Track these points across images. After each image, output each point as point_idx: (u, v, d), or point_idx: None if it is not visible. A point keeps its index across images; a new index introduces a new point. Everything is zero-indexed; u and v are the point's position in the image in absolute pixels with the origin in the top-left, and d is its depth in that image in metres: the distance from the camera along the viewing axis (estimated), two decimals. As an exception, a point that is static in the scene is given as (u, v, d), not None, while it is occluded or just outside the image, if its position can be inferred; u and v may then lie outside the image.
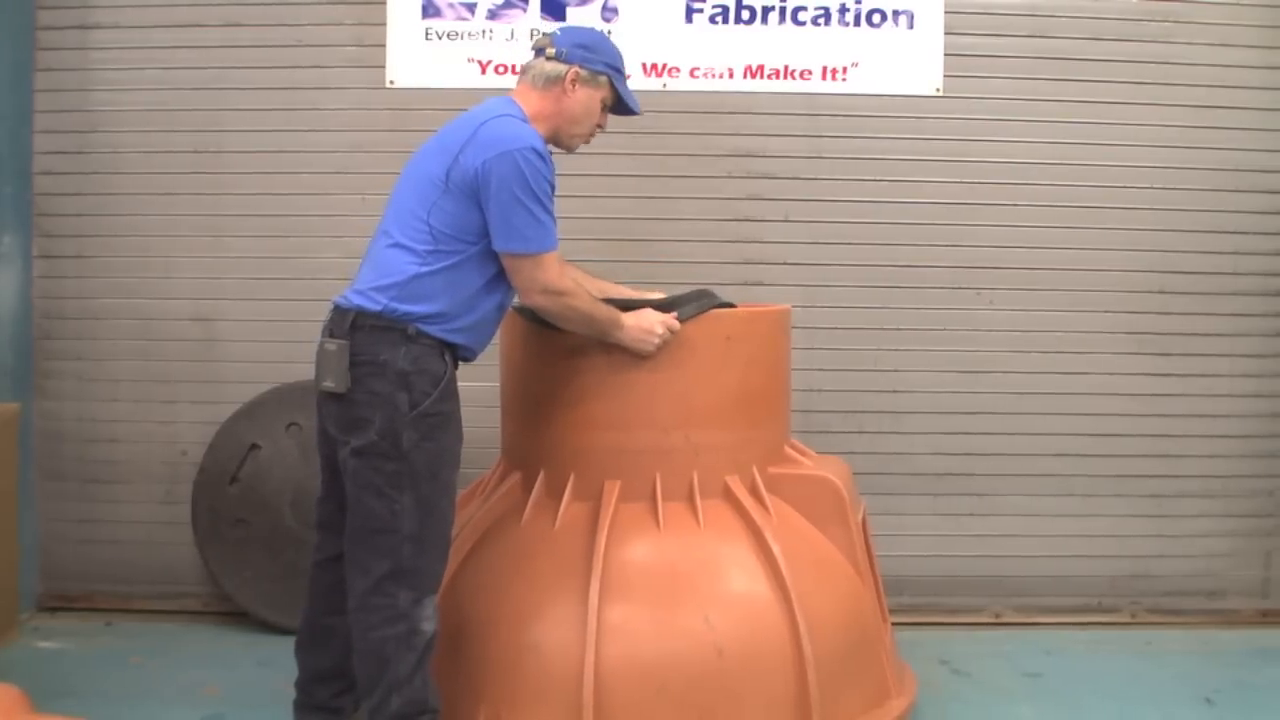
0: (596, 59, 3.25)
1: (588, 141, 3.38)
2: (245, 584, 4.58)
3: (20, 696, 2.51)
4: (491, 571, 3.39)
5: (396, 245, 3.09)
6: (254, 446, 4.59)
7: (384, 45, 4.73)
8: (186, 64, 4.74)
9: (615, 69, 3.29)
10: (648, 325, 3.31)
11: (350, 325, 3.05)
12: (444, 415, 3.09)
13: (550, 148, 3.23)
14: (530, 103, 3.22)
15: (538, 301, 3.14)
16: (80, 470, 4.82)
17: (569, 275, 3.22)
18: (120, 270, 4.79)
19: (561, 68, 3.21)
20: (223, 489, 4.59)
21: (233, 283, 4.77)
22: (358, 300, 3.08)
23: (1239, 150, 4.78)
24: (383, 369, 3.01)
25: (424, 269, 3.05)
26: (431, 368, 3.06)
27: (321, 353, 3.08)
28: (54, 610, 4.80)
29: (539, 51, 3.28)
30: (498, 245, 3.06)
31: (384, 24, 4.73)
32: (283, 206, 4.76)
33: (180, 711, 3.78)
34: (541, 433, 3.52)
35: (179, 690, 3.96)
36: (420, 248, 3.06)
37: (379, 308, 3.04)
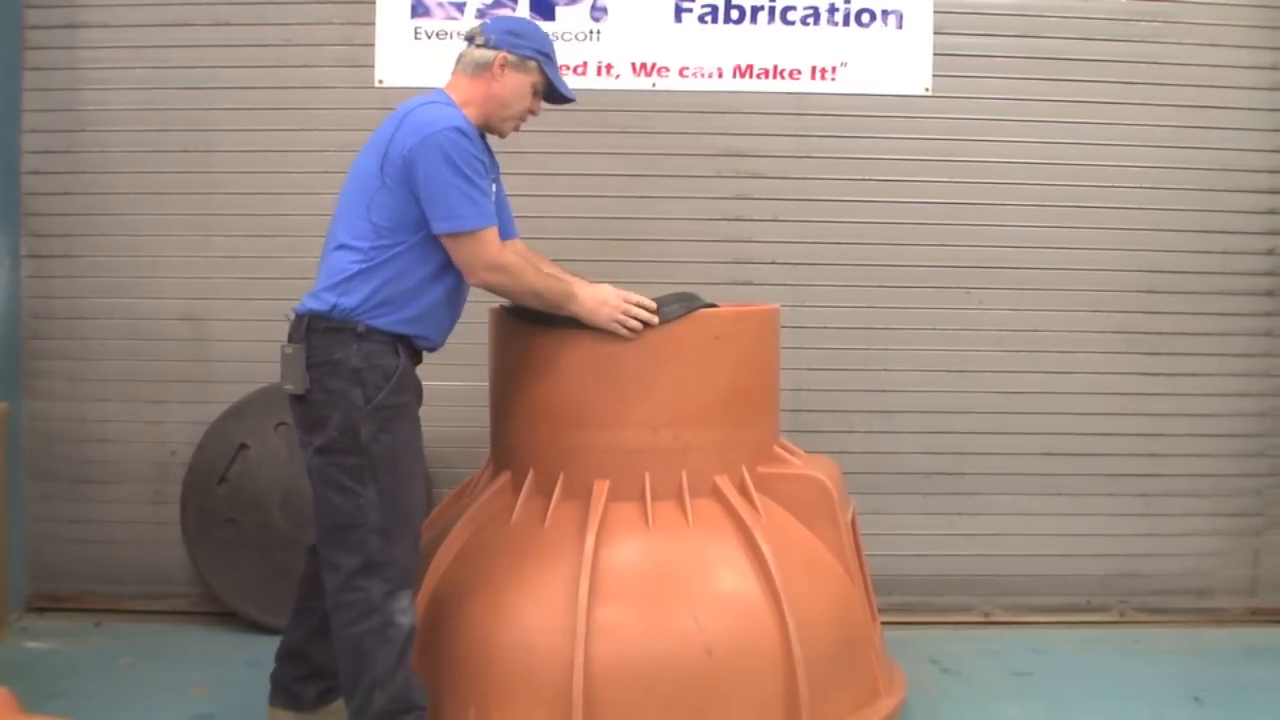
0: (524, 44, 3.31)
1: (517, 128, 3.43)
2: (234, 584, 4.57)
3: (9, 697, 2.50)
4: (481, 571, 3.39)
5: (341, 246, 3.18)
6: (243, 446, 4.58)
7: (373, 44, 4.72)
8: (175, 63, 4.73)
9: (544, 54, 3.35)
10: (602, 297, 3.33)
11: (306, 328, 3.15)
12: (399, 408, 3.15)
13: (493, 137, 3.38)
14: (461, 90, 3.31)
15: (484, 278, 3.19)
16: (69, 470, 4.81)
17: (514, 252, 3.32)
18: (109, 270, 4.78)
19: (490, 54, 3.28)
20: (211, 489, 4.58)
21: (222, 282, 4.76)
22: (310, 304, 3.18)
23: (1228, 150, 4.79)
24: (337, 367, 3.10)
25: (366, 265, 3.13)
26: (384, 363, 3.13)
27: (282, 357, 3.19)
28: (43, 611, 4.78)
29: (470, 40, 3.36)
30: (436, 228, 3.12)
31: (373, 23, 4.72)
32: (272, 206, 4.75)
33: (169, 712, 3.78)
34: (530, 432, 3.51)
35: (168, 690, 3.96)
36: (363, 244, 3.14)
37: (327, 308, 3.13)
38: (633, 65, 4.74)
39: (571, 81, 4.68)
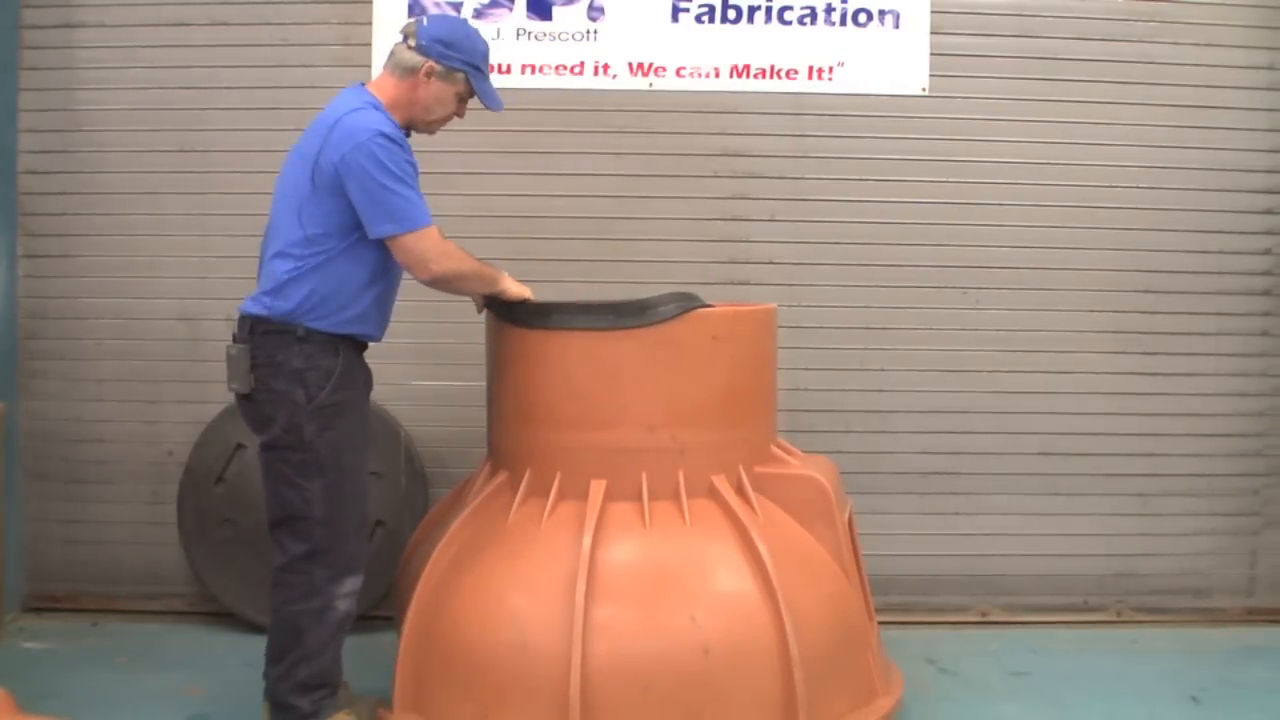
0: (454, 56, 3.33)
1: (439, 128, 3.48)
2: (231, 584, 4.56)
3: (6, 697, 2.50)
4: (478, 571, 3.38)
5: (279, 254, 3.27)
6: (240, 446, 4.57)
7: (370, 44, 4.71)
8: (172, 63, 4.72)
9: (473, 67, 3.37)
10: (519, 283, 3.51)
11: (249, 330, 3.25)
12: (339, 405, 3.26)
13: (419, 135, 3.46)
14: (386, 90, 3.35)
15: (434, 271, 3.26)
16: (66, 470, 4.80)
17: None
18: (106, 270, 4.77)
19: (418, 59, 3.32)
20: (208, 489, 4.58)
21: (219, 282, 4.74)
22: (251, 307, 3.28)
23: (1225, 150, 4.79)
24: (279, 368, 3.22)
25: (300, 270, 3.23)
26: (323, 363, 3.24)
27: (227, 357, 3.29)
28: (39, 611, 4.77)
29: (404, 37, 3.37)
30: (376, 232, 3.19)
31: (370, 23, 4.72)
32: (269, 206, 4.73)
33: (165, 712, 3.77)
34: (528, 432, 3.51)
35: (164, 691, 3.95)
36: (297, 251, 3.23)
37: (267, 313, 3.23)
38: (630, 65, 4.73)
39: (568, 81, 4.72)
